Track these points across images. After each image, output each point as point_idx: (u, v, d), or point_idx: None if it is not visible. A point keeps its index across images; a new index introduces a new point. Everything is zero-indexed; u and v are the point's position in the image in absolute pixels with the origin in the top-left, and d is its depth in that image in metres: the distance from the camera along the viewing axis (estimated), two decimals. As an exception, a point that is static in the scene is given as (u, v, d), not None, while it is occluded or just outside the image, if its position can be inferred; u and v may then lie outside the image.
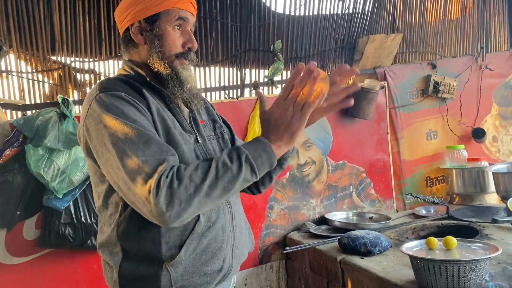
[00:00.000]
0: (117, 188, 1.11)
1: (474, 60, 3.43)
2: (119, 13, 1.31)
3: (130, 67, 1.30)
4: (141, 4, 1.25)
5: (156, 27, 1.26)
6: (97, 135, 1.12)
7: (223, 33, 2.86)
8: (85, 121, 1.16)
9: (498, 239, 2.09)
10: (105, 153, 1.10)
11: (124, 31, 1.31)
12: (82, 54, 2.55)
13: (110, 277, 1.21)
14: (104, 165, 1.12)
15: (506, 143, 3.61)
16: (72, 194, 2.09)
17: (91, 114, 1.14)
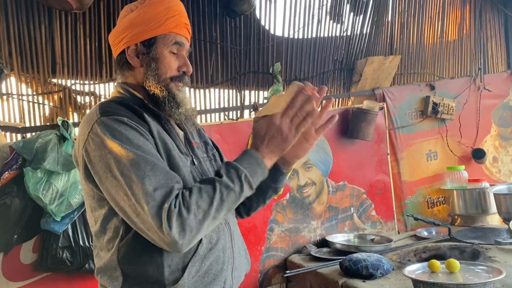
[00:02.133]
0: (123, 214, 1.10)
1: (472, 81, 3.45)
2: (114, 35, 1.32)
3: (125, 89, 1.30)
4: (138, 27, 1.27)
5: (153, 51, 1.28)
6: (101, 161, 1.11)
7: (223, 55, 2.88)
8: (85, 145, 1.14)
9: (501, 261, 2.06)
10: (110, 180, 1.10)
11: (119, 53, 1.31)
12: (83, 77, 2.57)
13: None
14: (108, 191, 1.11)
15: (507, 163, 3.60)
16: (71, 217, 2.08)
17: (92, 138, 1.13)
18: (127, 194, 1.07)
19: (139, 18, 1.27)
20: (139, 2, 1.31)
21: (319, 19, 3.13)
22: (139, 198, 1.05)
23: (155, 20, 1.27)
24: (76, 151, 1.22)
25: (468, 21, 3.68)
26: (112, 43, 1.34)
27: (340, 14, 3.18)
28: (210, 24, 2.83)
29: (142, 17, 1.27)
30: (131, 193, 1.06)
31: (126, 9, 1.32)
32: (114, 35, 1.32)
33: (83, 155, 1.15)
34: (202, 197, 1.07)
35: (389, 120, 3.14)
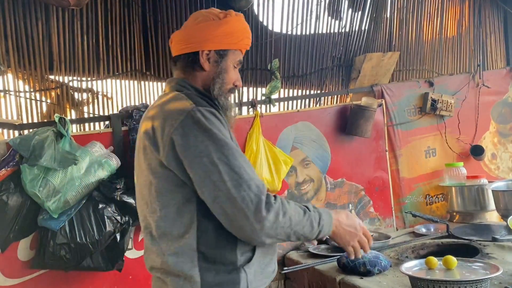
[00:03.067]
0: (211, 199, 1.19)
1: (471, 77, 3.44)
2: (190, 35, 1.42)
3: (193, 87, 1.41)
4: (219, 37, 1.41)
5: (223, 61, 1.43)
6: (196, 147, 1.20)
7: (220, 52, 2.87)
8: (177, 131, 1.21)
9: (498, 258, 2.06)
10: (203, 166, 1.19)
11: (188, 52, 1.42)
12: (80, 73, 2.56)
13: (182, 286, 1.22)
14: (199, 176, 1.20)
15: (505, 160, 3.60)
16: (68, 214, 2.07)
17: (188, 125, 1.22)
18: (223, 180, 1.18)
19: (222, 29, 1.41)
20: (222, 13, 1.44)
21: (318, 16, 3.12)
22: (236, 184, 1.17)
23: (234, 36, 1.43)
24: (156, 135, 1.26)
25: (467, 18, 3.67)
26: (183, 39, 1.43)
27: (339, 11, 3.17)
28: (208, 21, 2.82)
29: (225, 30, 1.41)
30: (228, 179, 1.18)
31: (207, 15, 1.43)
32: (190, 34, 1.42)
33: (172, 139, 1.21)
34: (294, 214, 1.23)
35: (388, 117, 3.13)
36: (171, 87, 1.43)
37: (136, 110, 2.33)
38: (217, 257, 1.24)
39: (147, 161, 1.30)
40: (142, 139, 1.33)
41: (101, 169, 2.15)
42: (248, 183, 1.19)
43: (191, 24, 1.44)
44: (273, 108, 2.91)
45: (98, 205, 2.13)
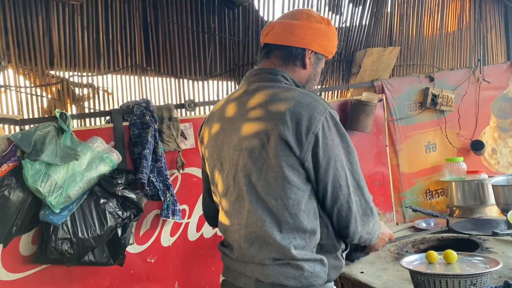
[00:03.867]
0: (333, 198, 1.33)
1: (472, 72, 3.44)
2: (304, 30, 1.43)
3: (294, 83, 1.44)
4: (324, 41, 1.46)
5: (319, 65, 1.51)
6: (334, 151, 1.30)
7: (221, 47, 2.87)
8: (320, 130, 1.28)
9: (498, 252, 2.07)
10: (337, 169, 1.31)
11: (293, 46, 1.43)
12: (81, 69, 2.56)
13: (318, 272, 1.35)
14: (329, 175, 1.30)
15: (505, 155, 3.60)
16: (69, 209, 2.08)
17: (329, 127, 1.30)
18: (347, 184, 1.32)
19: (328, 34, 1.47)
20: (326, 19, 1.49)
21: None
22: (355, 190, 1.34)
23: (332, 44, 1.49)
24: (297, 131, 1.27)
25: (468, 12, 3.66)
26: (293, 32, 1.42)
27: (339, 5, 3.16)
28: (209, 16, 2.82)
29: (330, 36, 1.47)
30: (351, 184, 1.33)
31: (317, 17, 1.46)
32: (300, 30, 1.42)
33: (316, 139, 1.27)
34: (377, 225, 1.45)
35: (388, 112, 3.13)
36: (275, 78, 1.41)
37: (137, 105, 2.33)
38: (329, 247, 1.39)
39: (275, 154, 1.29)
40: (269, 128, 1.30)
41: (102, 164, 2.15)
42: (363, 190, 1.36)
43: (304, 20, 1.44)
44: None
45: (99, 200, 2.13)
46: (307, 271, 1.33)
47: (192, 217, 2.47)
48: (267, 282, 1.34)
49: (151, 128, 2.28)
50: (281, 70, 1.42)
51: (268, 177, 1.31)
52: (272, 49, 1.45)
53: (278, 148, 1.28)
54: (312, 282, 1.34)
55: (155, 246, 2.38)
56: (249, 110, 1.37)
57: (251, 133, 1.34)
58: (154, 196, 2.30)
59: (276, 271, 1.33)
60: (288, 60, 1.44)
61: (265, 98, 1.35)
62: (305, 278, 1.33)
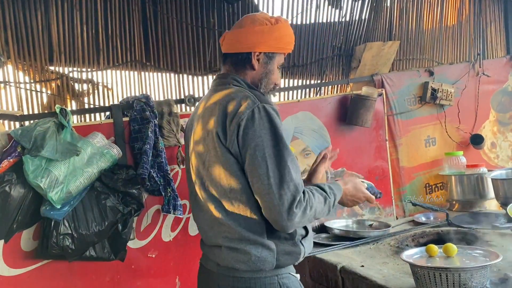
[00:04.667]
0: (255, 188, 1.38)
1: (471, 66, 3.44)
2: (243, 36, 1.56)
3: (246, 84, 1.56)
4: (271, 41, 1.56)
5: (270, 63, 1.59)
6: (253, 139, 1.36)
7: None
8: (243, 122, 1.37)
9: (498, 246, 2.08)
10: (256, 158, 1.36)
11: (241, 52, 1.56)
12: (80, 64, 2.56)
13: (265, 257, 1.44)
14: (250, 165, 1.37)
15: (505, 149, 3.61)
16: (70, 204, 2.08)
17: (253, 119, 1.37)
18: (267, 174, 1.35)
19: (274, 33, 1.56)
20: (273, 19, 1.58)
21: (318, 5, 3.10)
22: (277, 182, 1.34)
23: (283, 41, 1.59)
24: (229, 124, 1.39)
25: (468, 6, 3.65)
26: (237, 40, 1.57)
27: (339, 0, 3.15)
28: (208, 10, 2.81)
29: (276, 34, 1.56)
30: (272, 175, 1.34)
31: (261, 19, 1.56)
32: (245, 35, 1.56)
33: (238, 129, 1.37)
34: (318, 205, 1.43)
35: (388, 106, 3.13)
36: (226, 81, 1.56)
37: (137, 101, 2.33)
38: (282, 234, 1.46)
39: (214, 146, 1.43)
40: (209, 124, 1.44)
41: (102, 160, 2.15)
42: (288, 183, 1.35)
43: (247, 26, 1.57)
44: (273, 98, 2.90)
45: (100, 196, 2.14)
46: (254, 256, 1.43)
47: (193, 212, 2.47)
48: (223, 265, 1.48)
49: (151, 123, 2.28)
50: (233, 74, 1.57)
51: (209, 167, 1.46)
52: (226, 57, 1.62)
53: (214, 139, 1.42)
54: (259, 267, 1.44)
55: (156, 241, 2.39)
56: (201, 110, 1.54)
57: (198, 131, 1.51)
58: (154, 191, 2.31)
59: (229, 255, 1.45)
60: (238, 65, 1.58)
61: (212, 94, 1.52)
62: (253, 262, 1.43)
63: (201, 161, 1.49)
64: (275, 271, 1.47)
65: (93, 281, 2.25)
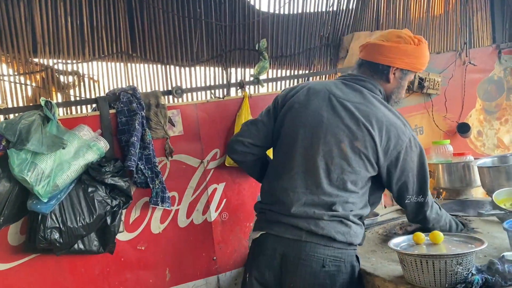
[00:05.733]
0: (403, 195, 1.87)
1: (458, 55, 3.46)
2: (388, 50, 1.76)
3: (382, 94, 1.83)
4: (410, 59, 1.77)
5: (404, 80, 1.82)
6: (409, 165, 1.78)
7: (207, 32, 2.85)
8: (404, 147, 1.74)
9: (484, 232, 2.11)
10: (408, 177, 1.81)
11: (380, 63, 1.77)
12: (65, 56, 2.52)
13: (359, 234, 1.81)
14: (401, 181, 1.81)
15: (491, 137, 3.65)
16: (57, 198, 2.06)
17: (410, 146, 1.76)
18: (413, 188, 1.84)
19: (415, 53, 1.76)
20: (417, 39, 1.77)
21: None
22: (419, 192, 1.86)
23: (419, 61, 1.79)
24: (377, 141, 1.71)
25: (454, -5, 3.66)
26: (380, 52, 1.77)
27: (326, -11, 3.14)
28: (194, 0, 2.78)
29: (415, 54, 1.76)
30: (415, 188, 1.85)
31: (407, 38, 1.76)
32: (389, 50, 1.76)
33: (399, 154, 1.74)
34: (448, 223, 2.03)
35: (376, 96, 3.14)
36: (374, 89, 1.79)
37: (123, 93, 2.31)
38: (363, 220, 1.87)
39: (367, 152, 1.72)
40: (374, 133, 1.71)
41: (89, 153, 2.13)
42: (425, 193, 1.86)
43: (393, 41, 1.76)
44: (261, 88, 2.91)
45: (88, 189, 2.12)
46: (353, 230, 1.72)
47: (182, 204, 2.47)
48: (320, 234, 1.67)
49: (138, 115, 2.26)
50: (372, 80, 1.79)
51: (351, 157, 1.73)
52: (364, 63, 1.82)
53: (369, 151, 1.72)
54: (353, 241, 1.73)
55: (145, 233, 2.38)
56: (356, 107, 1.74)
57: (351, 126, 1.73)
58: (142, 183, 2.29)
59: (330, 225, 1.68)
60: (376, 74, 1.79)
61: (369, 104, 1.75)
62: (350, 236, 1.71)
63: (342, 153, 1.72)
64: (356, 246, 1.77)
65: (82, 275, 2.24)
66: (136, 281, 2.35)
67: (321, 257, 1.68)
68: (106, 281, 2.29)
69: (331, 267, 1.68)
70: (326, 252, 1.69)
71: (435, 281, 1.54)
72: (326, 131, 1.73)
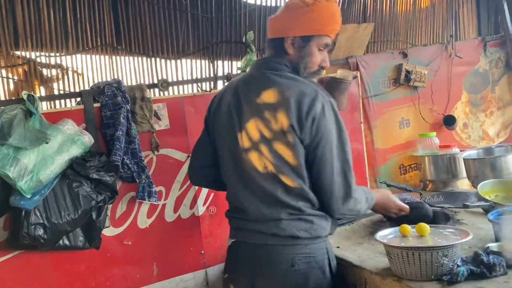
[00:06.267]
0: (319, 176, 1.60)
1: (444, 48, 3.48)
2: (278, 21, 1.65)
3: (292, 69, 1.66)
4: (303, 24, 1.59)
5: (308, 46, 1.63)
6: (325, 135, 1.56)
7: (194, 24, 2.81)
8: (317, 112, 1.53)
9: (469, 224, 2.14)
10: (325, 150, 1.58)
11: (277, 37, 1.65)
12: (48, 49, 2.46)
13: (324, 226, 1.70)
14: (318, 157, 1.58)
15: (476, 129, 3.69)
16: (41, 193, 2.03)
17: (326, 111, 1.56)
18: (332, 165, 1.59)
19: (308, 16, 1.58)
20: (313, 0, 1.59)
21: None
22: (340, 172, 1.60)
23: (319, 23, 1.60)
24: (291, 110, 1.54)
25: (441, -12, 3.67)
26: (272, 26, 1.66)
27: (313, -19, 3.12)
28: (180, -8, 2.74)
29: (311, 16, 1.58)
30: (335, 165, 1.59)
31: (296, 3, 1.60)
32: (279, 22, 1.64)
33: (312, 123, 1.54)
34: (363, 203, 1.73)
35: (363, 89, 3.14)
36: (279, 67, 1.64)
37: (108, 86, 2.27)
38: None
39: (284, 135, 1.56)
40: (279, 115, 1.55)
41: (74, 147, 2.10)
42: (346, 174, 1.61)
43: (282, 12, 1.65)
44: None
45: (72, 184, 2.09)
46: (316, 224, 1.64)
47: (169, 198, 2.45)
48: (283, 236, 1.61)
49: (123, 109, 2.23)
50: (276, 58, 1.66)
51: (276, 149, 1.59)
52: (267, 43, 1.72)
53: (286, 129, 1.55)
54: (319, 234, 1.65)
55: (131, 228, 2.36)
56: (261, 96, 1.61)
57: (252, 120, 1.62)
58: (128, 178, 2.27)
59: (290, 225, 1.61)
60: (274, 50, 1.67)
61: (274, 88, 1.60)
62: (314, 230, 1.64)
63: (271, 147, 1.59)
64: (326, 237, 1.71)
65: (68, 271, 2.21)
66: (123, 276, 2.34)
67: (289, 257, 1.62)
68: (92, 277, 2.27)
69: (300, 265, 1.62)
70: (294, 251, 1.63)
71: (421, 273, 1.55)
72: (242, 133, 1.66)
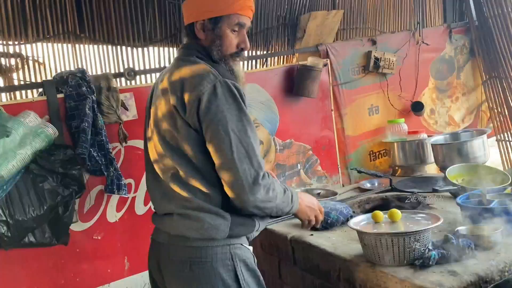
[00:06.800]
0: (219, 162, 1.38)
1: (412, 35, 3.52)
2: (188, 6, 1.55)
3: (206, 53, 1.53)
4: (208, 5, 1.50)
5: (218, 28, 1.51)
6: (216, 114, 1.36)
7: (160, 11, 2.73)
8: (205, 96, 1.37)
9: (438, 208, 2.18)
10: (219, 132, 1.36)
11: (189, 24, 1.55)
12: (6, 37, 2.35)
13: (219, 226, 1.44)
14: (213, 141, 1.38)
15: (442, 115, 3.77)
16: (3, 189, 1.94)
17: (215, 94, 1.37)
18: (230, 149, 1.36)
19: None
20: None
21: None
22: (241, 157, 1.36)
23: (224, 1, 1.49)
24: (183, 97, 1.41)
25: (408, -25, 3.70)
26: (184, 12, 1.57)
27: (282, -33, 3.08)
28: (146, -23, 2.66)
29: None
30: (235, 150, 1.36)
31: None
32: (188, 6, 1.55)
33: (199, 103, 1.37)
34: (279, 192, 1.48)
35: (333, 76, 3.15)
36: (189, 52, 1.54)
37: (72, 76, 2.18)
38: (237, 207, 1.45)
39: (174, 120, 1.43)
40: (171, 99, 1.43)
41: (37, 140, 2.02)
42: (252, 159, 1.38)
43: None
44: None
45: (36, 178, 2.01)
46: (207, 223, 1.42)
47: (139, 191, 2.40)
48: (174, 235, 1.47)
49: (89, 99, 2.15)
50: (194, 44, 1.56)
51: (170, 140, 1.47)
52: (185, 29, 1.61)
53: (173, 112, 1.43)
54: (212, 235, 1.43)
55: (101, 223, 2.30)
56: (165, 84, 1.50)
57: (162, 105, 1.49)
58: (96, 171, 2.20)
59: (180, 223, 1.45)
60: (188, 36, 1.59)
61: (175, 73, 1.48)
62: (205, 230, 1.42)
63: (162, 133, 1.49)
64: (227, 240, 1.45)
65: (35, 269, 2.14)
66: (94, 271, 2.28)
67: (185, 259, 1.45)
68: (61, 273, 2.20)
69: (195, 270, 1.43)
70: (186, 254, 1.45)
71: (394, 258, 1.57)
72: (149, 123, 1.60)
